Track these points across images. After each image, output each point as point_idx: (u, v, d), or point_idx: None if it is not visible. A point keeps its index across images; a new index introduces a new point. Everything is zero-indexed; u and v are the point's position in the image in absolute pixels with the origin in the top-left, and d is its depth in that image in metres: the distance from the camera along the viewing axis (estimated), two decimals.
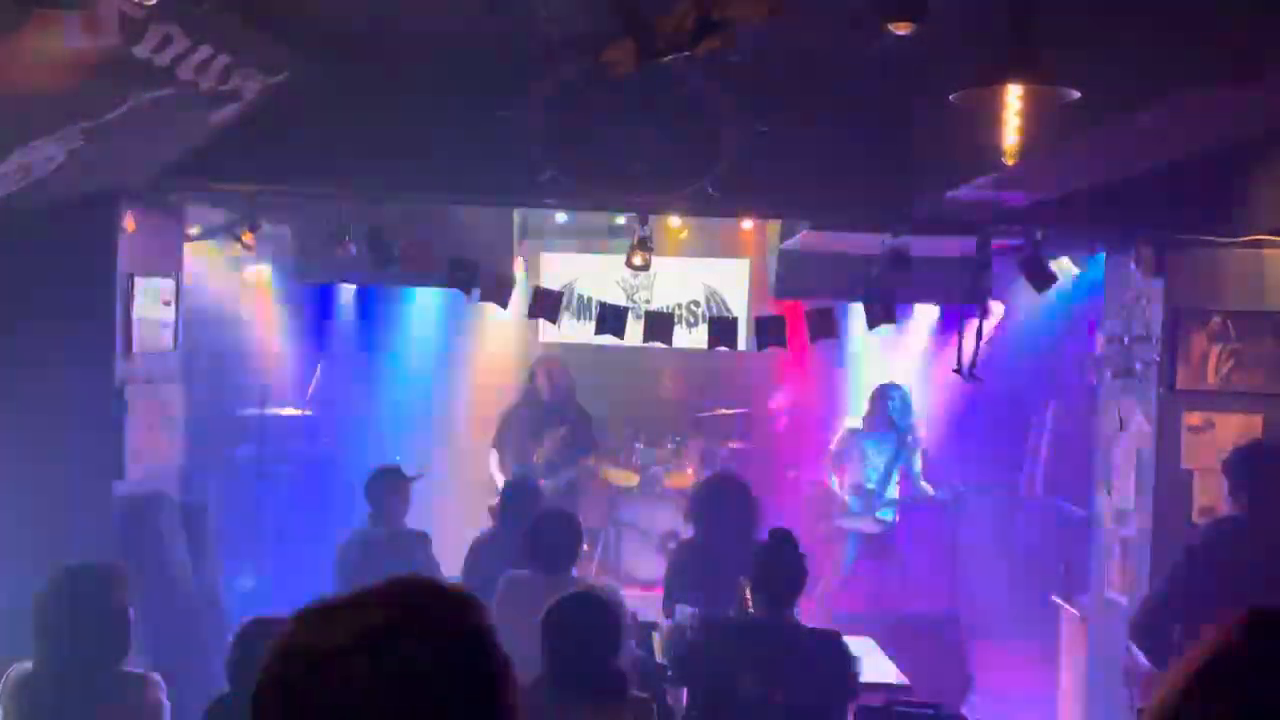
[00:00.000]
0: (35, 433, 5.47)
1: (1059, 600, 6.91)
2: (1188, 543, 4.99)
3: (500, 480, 7.74)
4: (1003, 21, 3.21)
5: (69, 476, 5.49)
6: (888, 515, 8.41)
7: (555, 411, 8.31)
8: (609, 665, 3.83)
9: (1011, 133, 3.44)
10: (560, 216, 9.18)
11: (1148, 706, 1.34)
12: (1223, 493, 5.07)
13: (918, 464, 8.49)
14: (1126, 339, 5.90)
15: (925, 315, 9.06)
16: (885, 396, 8.42)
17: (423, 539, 6.06)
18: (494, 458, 8.27)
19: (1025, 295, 6.80)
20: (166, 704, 3.84)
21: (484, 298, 6.27)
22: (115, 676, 3.81)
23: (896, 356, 9.24)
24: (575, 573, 5.37)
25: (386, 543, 5.93)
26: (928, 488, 8.44)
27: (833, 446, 8.68)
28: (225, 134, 4.91)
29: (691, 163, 5.24)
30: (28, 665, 3.84)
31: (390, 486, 6.18)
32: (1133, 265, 5.80)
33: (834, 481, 8.58)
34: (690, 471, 9.35)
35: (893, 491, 8.39)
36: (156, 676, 3.88)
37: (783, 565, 4.42)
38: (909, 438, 8.39)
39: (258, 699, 1.29)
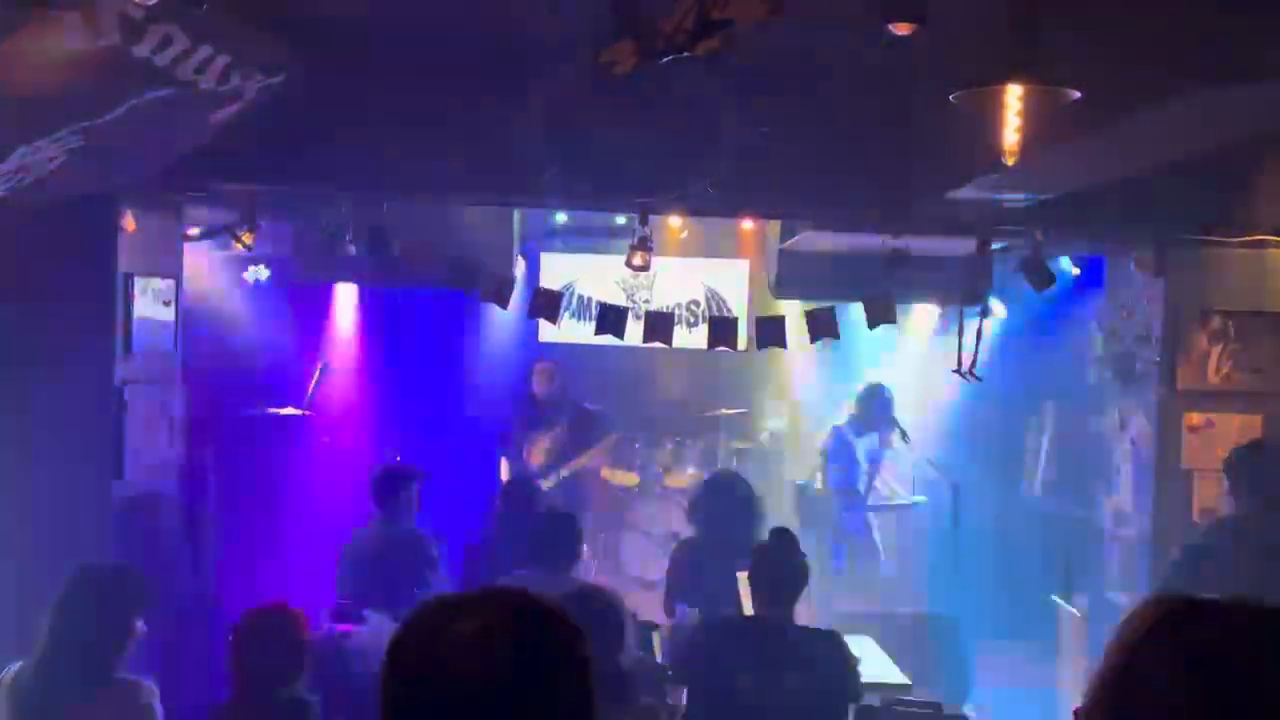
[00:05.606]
0: (35, 432, 5.47)
1: (1059, 600, 6.91)
2: (1188, 543, 4.99)
3: None
4: (1003, 21, 3.21)
5: (69, 476, 5.48)
6: (872, 515, 8.43)
7: (551, 411, 8.36)
8: (610, 666, 3.81)
9: (1011, 133, 3.43)
10: (560, 216, 9.18)
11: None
12: (1223, 493, 5.07)
13: (894, 465, 8.50)
14: (1126, 339, 5.89)
15: (925, 315, 9.05)
16: (872, 396, 8.43)
17: (430, 541, 6.01)
18: (503, 465, 8.32)
19: (1025, 295, 6.80)
20: (159, 709, 3.80)
21: (484, 298, 6.27)
22: (105, 682, 3.76)
23: (896, 356, 9.23)
24: (575, 573, 5.37)
25: (395, 543, 5.87)
26: (899, 490, 8.47)
27: (822, 445, 8.68)
28: (225, 134, 4.91)
29: (691, 163, 5.24)
30: (20, 665, 3.81)
31: (398, 486, 6.14)
32: (1133, 265, 5.80)
33: (822, 480, 8.59)
34: (690, 471, 9.35)
35: (873, 495, 8.42)
36: (149, 683, 3.83)
37: (783, 565, 4.42)
38: (891, 437, 8.39)
39: (390, 679, 1.46)
